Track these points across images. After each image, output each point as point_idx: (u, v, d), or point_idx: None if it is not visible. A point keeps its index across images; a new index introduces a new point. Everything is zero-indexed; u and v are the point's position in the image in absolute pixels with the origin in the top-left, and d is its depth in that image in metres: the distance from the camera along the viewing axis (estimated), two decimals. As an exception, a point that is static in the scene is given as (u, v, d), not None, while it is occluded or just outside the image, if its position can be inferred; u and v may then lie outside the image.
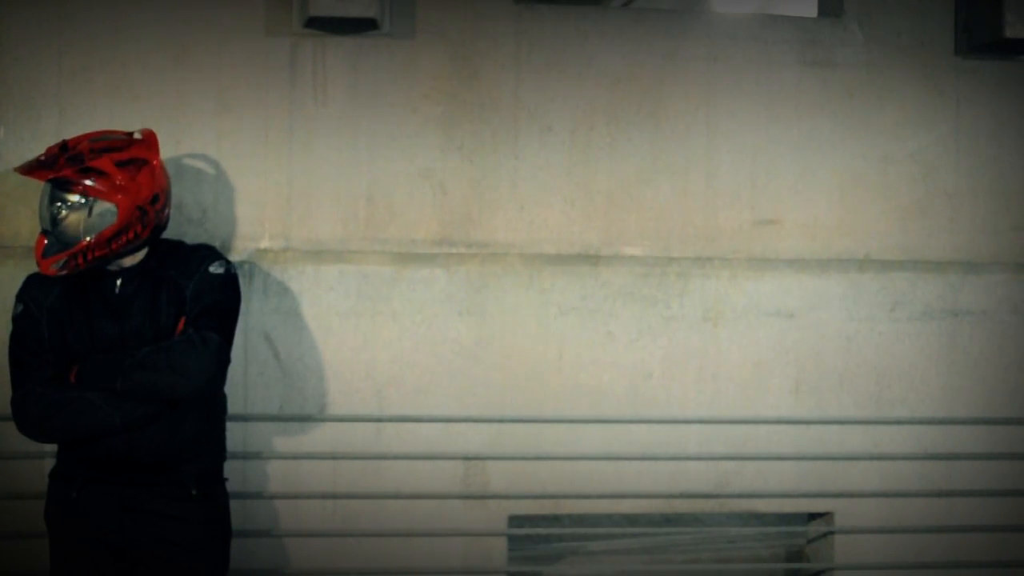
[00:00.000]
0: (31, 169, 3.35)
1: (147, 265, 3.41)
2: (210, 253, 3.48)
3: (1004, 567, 4.33)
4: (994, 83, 4.33)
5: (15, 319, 3.40)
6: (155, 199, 3.37)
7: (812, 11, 4.47)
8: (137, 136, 3.47)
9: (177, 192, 3.84)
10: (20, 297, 3.42)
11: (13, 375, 3.38)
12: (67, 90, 3.95)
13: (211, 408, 3.48)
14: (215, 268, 3.43)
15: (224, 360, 3.37)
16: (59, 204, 3.34)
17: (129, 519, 3.34)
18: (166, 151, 3.66)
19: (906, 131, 4.30)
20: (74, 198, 3.32)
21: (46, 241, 3.37)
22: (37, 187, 3.90)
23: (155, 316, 3.36)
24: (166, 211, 3.44)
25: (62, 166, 3.32)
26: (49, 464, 3.54)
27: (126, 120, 3.89)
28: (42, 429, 3.35)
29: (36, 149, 3.91)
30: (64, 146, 3.38)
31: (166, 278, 3.39)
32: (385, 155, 4.08)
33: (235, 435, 3.76)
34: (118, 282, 3.39)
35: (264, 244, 4.03)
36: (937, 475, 4.31)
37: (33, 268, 3.45)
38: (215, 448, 3.51)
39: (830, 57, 4.26)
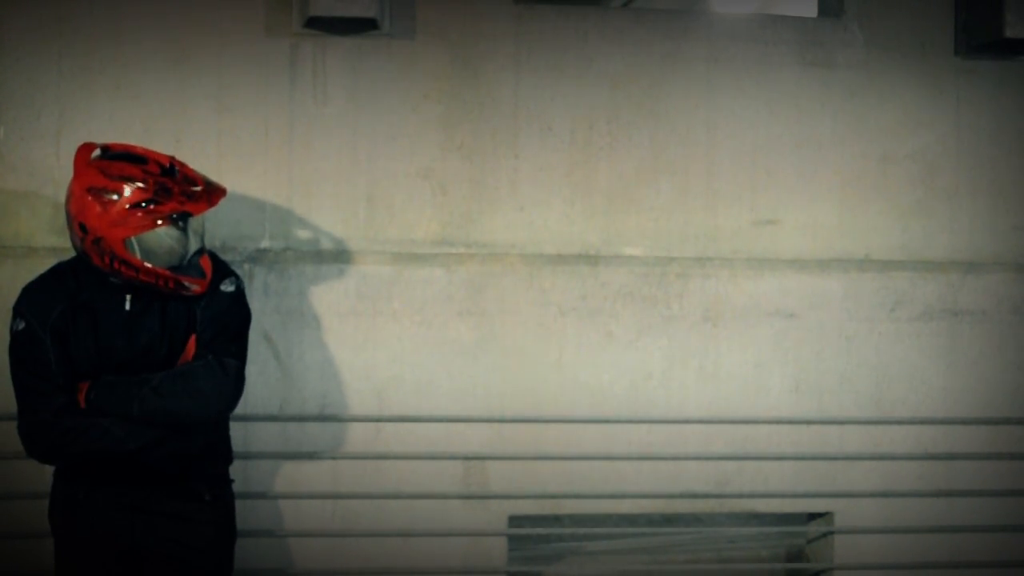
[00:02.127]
0: (184, 202, 3.21)
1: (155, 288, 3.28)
2: (221, 268, 3.41)
3: (1004, 567, 4.33)
4: (994, 83, 4.33)
5: (16, 335, 3.26)
6: None
7: (812, 11, 4.47)
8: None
9: None
10: (21, 313, 3.27)
11: (21, 399, 3.26)
12: (67, 90, 3.95)
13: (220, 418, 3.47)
14: (226, 286, 3.37)
15: (241, 384, 3.33)
16: (186, 224, 3.27)
17: (139, 520, 3.32)
18: (166, 151, 3.64)
19: (906, 131, 4.30)
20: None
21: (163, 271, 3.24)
22: (38, 187, 3.92)
23: (166, 332, 3.29)
24: None
25: (201, 194, 3.26)
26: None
27: (126, 120, 3.89)
28: (53, 458, 3.31)
29: (36, 149, 3.92)
30: (172, 169, 3.26)
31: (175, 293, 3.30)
32: (385, 155, 4.08)
33: (235, 435, 3.74)
34: (128, 298, 3.29)
35: (264, 244, 4.03)
36: (937, 475, 4.31)
37: (28, 274, 3.42)
38: (223, 453, 3.50)
39: (830, 57, 4.26)
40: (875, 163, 4.29)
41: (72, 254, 3.39)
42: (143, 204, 3.18)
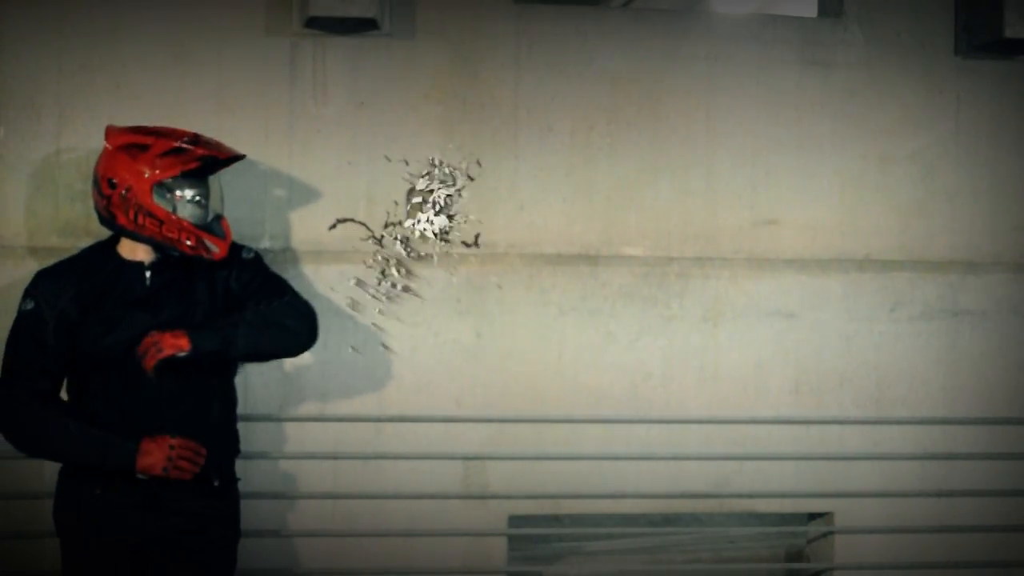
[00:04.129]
0: (211, 149, 3.42)
1: (171, 258, 3.39)
2: (233, 244, 3.50)
3: (1004, 567, 4.33)
4: (994, 83, 4.33)
5: (22, 314, 3.33)
6: None
7: (812, 11, 4.47)
8: None
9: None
10: (31, 294, 3.34)
11: (6, 368, 3.32)
12: (67, 90, 3.95)
13: (229, 396, 3.52)
14: (246, 254, 3.53)
15: (317, 318, 3.53)
16: (208, 189, 3.45)
17: (150, 517, 3.34)
18: (166, 151, 3.66)
19: (906, 131, 4.30)
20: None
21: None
22: (38, 187, 3.92)
23: (191, 305, 3.38)
24: None
25: (225, 148, 3.48)
26: (50, 464, 3.52)
27: (126, 120, 3.86)
28: (3, 432, 3.35)
29: (36, 149, 3.93)
30: (196, 136, 3.46)
31: (198, 267, 3.41)
32: (385, 155, 4.07)
33: (235, 435, 3.76)
34: (147, 274, 3.38)
35: (264, 244, 4.03)
36: (937, 475, 4.31)
37: (29, 275, 3.42)
38: (233, 439, 3.54)
39: (830, 57, 4.26)
40: (875, 163, 4.29)
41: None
42: (172, 151, 3.35)
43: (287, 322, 3.42)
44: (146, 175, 3.32)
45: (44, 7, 3.93)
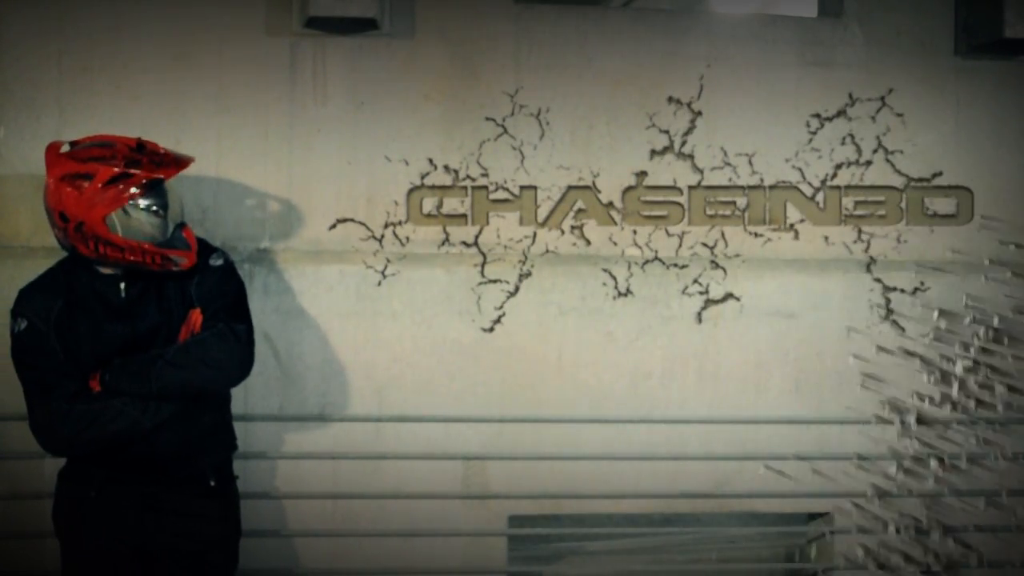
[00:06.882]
0: (154, 170, 3.29)
1: (142, 269, 3.34)
2: (205, 247, 3.47)
3: (1004, 567, 4.33)
4: (994, 83, 4.33)
5: (20, 335, 3.28)
6: None
7: (812, 11, 4.47)
8: None
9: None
10: (20, 313, 3.29)
11: (32, 394, 3.27)
12: (67, 90, 3.95)
13: (221, 398, 3.50)
14: (214, 260, 3.44)
15: (252, 349, 3.39)
16: (165, 198, 3.34)
17: (149, 517, 3.34)
18: (166, 151, 3.66)
19: (906, 131, 4.29)
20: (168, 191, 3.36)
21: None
22: (38, 187, 3.91)
23: (167, 313, 3.34)
24: None
25: (170, 161, 3.35)
26: (50, 464, 3.53)
27: (126, 120, 3.89)
28: (73, 446, 3.29)
29: (36, 149, 3.90)
30: (139, 147, 3.34)
31: (169, 274, 3.35)
32: (385, 155, 4.08)
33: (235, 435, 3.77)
34: (122, 285, 3.34)
35: (264, 244, 4.03)
36: (937, 475, 4.30)
37: (28, 274, 3.43)
38: (228, 437, 3.53)
39: (830, 57, 4.26)
40: (875, 163, 4.28)
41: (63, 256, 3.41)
42: (115, 179, 3.24)
43: (212, 357, 3.29)
44: (95, 210, 3.22)
45: (44, 7, 3.93)
